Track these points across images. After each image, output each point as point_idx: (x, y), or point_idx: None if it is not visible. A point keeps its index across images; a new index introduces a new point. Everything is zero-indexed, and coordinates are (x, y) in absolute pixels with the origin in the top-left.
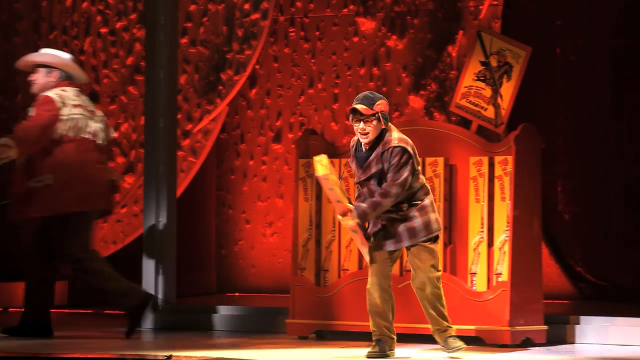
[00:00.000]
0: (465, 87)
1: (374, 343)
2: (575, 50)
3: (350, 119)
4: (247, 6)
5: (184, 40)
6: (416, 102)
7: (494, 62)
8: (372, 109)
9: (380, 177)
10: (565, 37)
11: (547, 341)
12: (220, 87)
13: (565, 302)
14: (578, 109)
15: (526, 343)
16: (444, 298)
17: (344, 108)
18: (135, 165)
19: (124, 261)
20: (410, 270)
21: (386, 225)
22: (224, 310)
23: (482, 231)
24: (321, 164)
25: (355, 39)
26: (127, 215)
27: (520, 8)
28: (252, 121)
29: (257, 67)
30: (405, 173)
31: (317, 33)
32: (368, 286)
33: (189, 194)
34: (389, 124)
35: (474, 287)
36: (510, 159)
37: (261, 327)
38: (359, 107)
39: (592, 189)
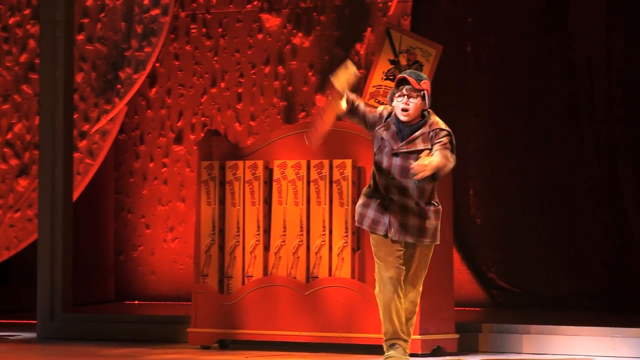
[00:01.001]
0: (374, 86)
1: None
2: (487, 48)
3: (392, 94)
4: (146, 2)
5: (81, 37)
6: (323, 101)
7: (403, 61)
8: (419, 85)
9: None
10: (477, 35)
11: (458, 350)
12: (119, 86)
13: (477, 309)
14: (490, 109)
15: (437, 352)
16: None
17: (248, 108)
18: (30, 168)
19: (18, 268)
20: (317, 277)
21: (400, 210)
22: (122, 319)
23: None
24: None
25: (260, 36)
26: (21, 219)
27: (430, 5)
28: (152, 121)
29: (157, 65)
30: (451, 153)
31: (219, 30)
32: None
33: (86, 197)
34: (430, 110)
35: None
36: None
37: (162, 336)
38: (410, 77)
39: (505, 192)
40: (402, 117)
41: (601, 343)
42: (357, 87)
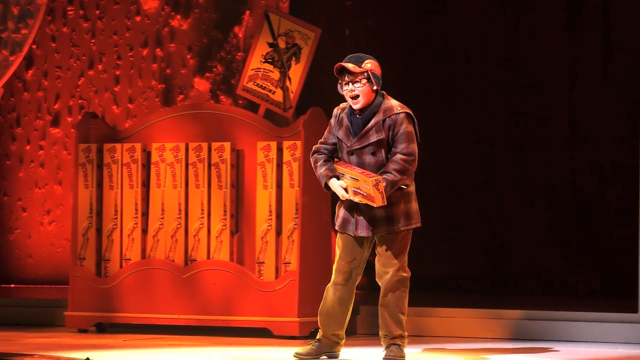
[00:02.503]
0: (253, 69)
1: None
2: (366, 32)
3: (338, 86)
4: None
5: None
6: (201, 84)
7: (282, 44)
8: (360, 67)
9: (380, 148)
10: (356, 19)
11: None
12: None
13: (357, 291)
14: None
15: (315, 334)
16: (406, 304)
17: (126, 90)
18: None
19: None
20: (195, 260)
21: (361, 206)
22: None
23: (270, 219)
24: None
25: (138, 19)
26: None
27: None
28: (29, 104)
29: (33, 47)
30: (414, 143)
31: (97, 12)
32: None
33: None
34: (384, 93)
35: (261, 277)
36: (299, 144)
37: (39, 319)
38: (347, 64)
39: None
40: (355, 106)
41: (479, 324)
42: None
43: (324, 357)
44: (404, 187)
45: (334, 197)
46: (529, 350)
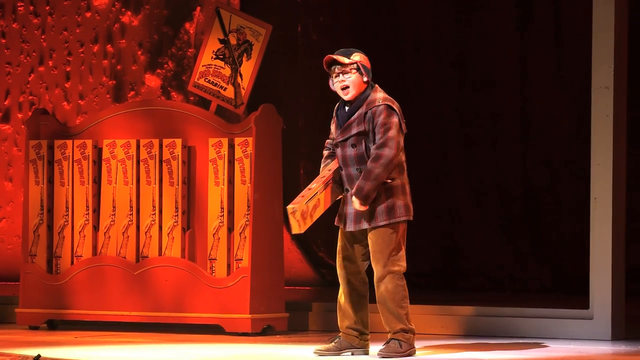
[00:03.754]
0: (204, 65)
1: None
2: (317, 28)
3: (329, 80)
4: None
5: None
6: (152, 81)
7: (233, 40)
8: (349, 59)
9: (361, 140)
10: (307, 15)
11: (288, 329)
12: None
13: (307, 288)
14: (320, 89)
15: (267, 331)
16: (406, 297)
17: (77, 87)
18: None
19: None
20: (147, 257)
21: (348, 201)
22: None
23: (222, 215)
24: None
25: (88, 15)
26: None
27: None
28: None
29: None
30: (394, 131)
31: (47, 8)
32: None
33: None
34: (376, 85)
35: (213, 274)
36: (250, 140)
37: None
38: (337, 56)
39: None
40: (346, 97)
41: (431, 321)
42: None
43: (348, 353)
44: (388, 180)
45: (286, 194)
46: (482, 347)
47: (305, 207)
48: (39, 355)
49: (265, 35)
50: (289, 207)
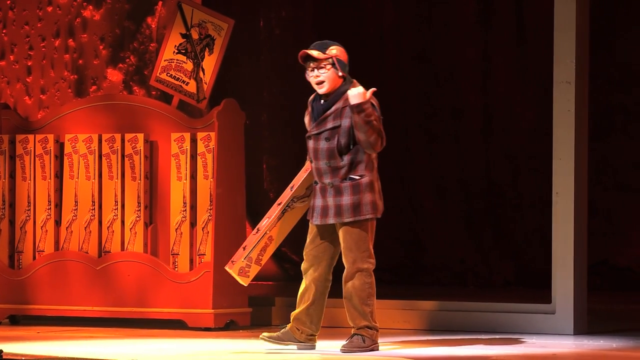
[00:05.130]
0: (166, 60)
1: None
2: (280, 22)
3: (305, 74)
4: None
5: None
6: (114, 75)
7: (195, 35)
8: (324, 54)
9: (334, 135)
10: (269, 10)
11: (251, 324)
12: None
13: (270, 283)
14: (283, 83)
15: (230, 326)
16: (372, 295)
17: (38, 81)
18: None
19: None
20: (109, 252)
21: (318, 195)
22: None
23: (185, 210)
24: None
25: (50, 9)
26: None
27: None
28: None
29: None
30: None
31: (8, 2)
32: None
33: None
34: (354, 80)
35: (176, 269)
36: (213, 135)
37: None
38: (311, 51)
39: (298, 167)
40: (320, 90)
41: (394, 316)
42: None
43: (293, 346)
44: (356, 177)
45: (249, 189)
46: (445, 342)
47: (246, 261)
48: (1, 351)
49: (227, 29)
50: (226, 267)
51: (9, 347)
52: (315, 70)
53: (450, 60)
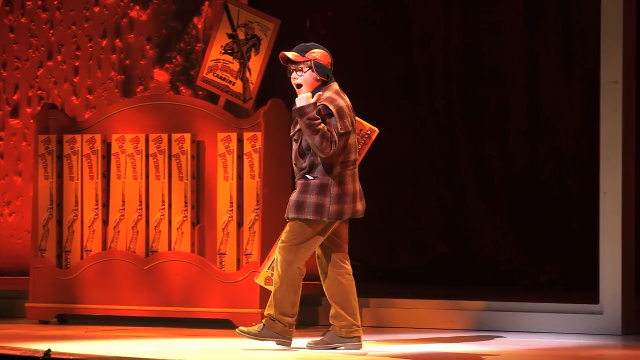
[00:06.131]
0: (212, 60)
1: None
2: (326, 23)
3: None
4: None
5: None
6: (161, 75)
7: (241, 35)
8: (303, 56)
9: (301, 136)
10: (315, 10)
11: (298, 323)
12: None
13: (317, 283)
14: None
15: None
16: (285, 287)
17: (85, 81)
18: None
19: None
20: (156, 251)
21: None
22: None
23: (232, 210)
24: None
25: (97, 9)
26: None
27: None
28: None
29: None
30: (314, 137)
31: (55, 2)
32: None
33: None
34: (333, 83)
35: (222, 268)
36: (259, 135)
37: None
38: (289, 53)
39: None
40: (298, 94)
41: (439, 316)
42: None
43: (272, 341)
44: (309, 178)
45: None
46: (489, 341)
47: (271, 271)
48: (49, 350)
49: (273, 30)
50: (254, 279)
51: (57, 347)
52: (294, 72)
53: (496, 60)
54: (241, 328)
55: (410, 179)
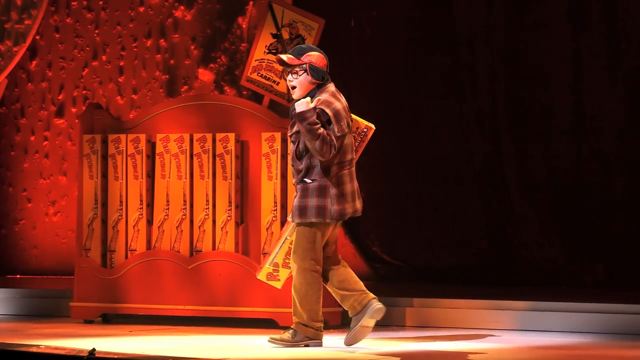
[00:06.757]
0: (257, 60)
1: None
2: (371, 22)
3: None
4: None
5: None
6: (206, 75)
7: (285, 35)
8: (299, 59)
9: (298, 138)
10: (360, 9)
11: (342, 323)
12: None
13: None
14: (373, 83)
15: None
16: (309, 296)
17: (130, 81)
18: None
19: None
20: (200, 251)
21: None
22: (3, 293)
23: (275, 210)
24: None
25: (141, 9)
26: None
27: None
28: (33, 94)
29: (37, 37)
30: (313, 142)
31: (100, 2)
32: None
33: None
34: (330, 85)
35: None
36: None
37: (44, 310)
38: (284, 56)
39: (388, 167)
40: (293, 96)
41: (484, 316)
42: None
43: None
44: (308, 181)
45: None
46: (533, 341)
47: (272, 267)
48: (93, 349)
49: (317, 29)
50: (256, 276)
51: (101, 345)
52: (290, 75)
53: (540, 60)
54: (272, 336)
55: (453, 178)
